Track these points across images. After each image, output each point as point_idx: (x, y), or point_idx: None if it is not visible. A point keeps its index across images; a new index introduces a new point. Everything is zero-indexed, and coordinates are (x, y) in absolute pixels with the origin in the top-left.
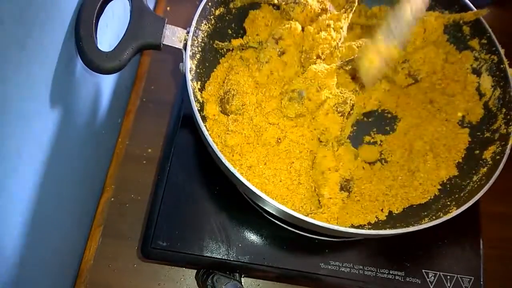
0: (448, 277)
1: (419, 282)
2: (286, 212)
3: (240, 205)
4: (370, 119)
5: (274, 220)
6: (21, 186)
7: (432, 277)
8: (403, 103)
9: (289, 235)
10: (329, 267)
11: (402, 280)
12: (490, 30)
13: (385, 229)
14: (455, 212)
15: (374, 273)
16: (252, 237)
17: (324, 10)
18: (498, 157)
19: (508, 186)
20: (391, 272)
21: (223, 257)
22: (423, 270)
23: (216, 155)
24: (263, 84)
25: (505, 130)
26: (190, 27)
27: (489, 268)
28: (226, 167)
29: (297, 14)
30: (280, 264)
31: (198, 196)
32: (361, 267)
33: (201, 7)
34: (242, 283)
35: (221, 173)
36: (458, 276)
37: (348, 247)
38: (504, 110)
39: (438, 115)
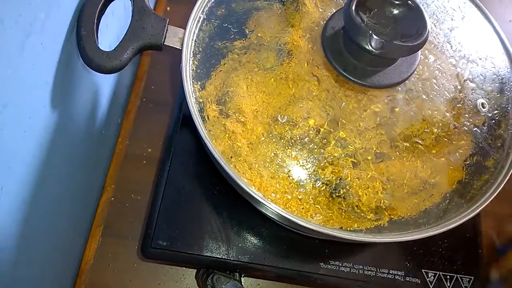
0: (448, 277)
1: (419, 282)
2: (286, 217)
3: (240, 205)
4: None
5: (274, 220)
6: (20, 186)
7: (432, 277)
8: None
9: (289, 235)
10: (329, 267)
11: (402, 280)
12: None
13: (384, 235)
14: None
15: (374, 273)
16: (252, 237)
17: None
18: (501, 164)
19: (509, 186)
20: (391, 272)
21: (223, 257)
22: (423, 270)
23: (215, 157)
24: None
25: (508, 136)
26: (191, 27)
27: (489, 268)
28: (224, 169)
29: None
30: (280, 264)
31: (198, 196)
32: (361, 267)
33: (202, 7)
34: (242, 283)
35: (221, 173)
36: (458, 276)
37: (348, 247)
38: (507, 116)
39: None
